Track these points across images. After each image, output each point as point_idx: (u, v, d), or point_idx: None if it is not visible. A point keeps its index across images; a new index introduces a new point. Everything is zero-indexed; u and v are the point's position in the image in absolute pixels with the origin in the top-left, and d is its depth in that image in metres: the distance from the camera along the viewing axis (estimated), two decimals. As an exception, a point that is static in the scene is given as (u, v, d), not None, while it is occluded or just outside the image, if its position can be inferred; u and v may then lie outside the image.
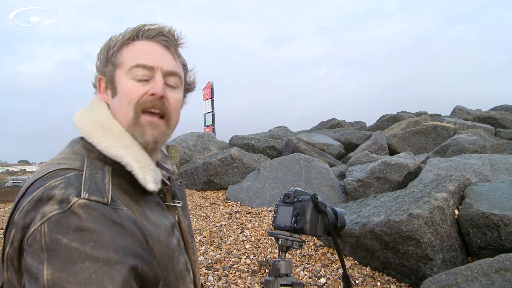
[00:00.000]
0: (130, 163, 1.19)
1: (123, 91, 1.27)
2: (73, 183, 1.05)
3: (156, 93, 1.25)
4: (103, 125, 1.25)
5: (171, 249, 1.26)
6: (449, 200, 3.87)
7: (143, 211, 1.19)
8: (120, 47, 1.31)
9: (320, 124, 19.40)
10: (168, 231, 1.28)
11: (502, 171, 5.79)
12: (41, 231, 0.96)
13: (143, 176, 1.20)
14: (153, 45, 1.32)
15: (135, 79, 1.27)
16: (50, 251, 0.95)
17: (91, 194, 1.04)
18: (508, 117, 14.43)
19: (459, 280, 2.81)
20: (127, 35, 1.32)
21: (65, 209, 0.99)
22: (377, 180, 6.72)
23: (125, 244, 1.03)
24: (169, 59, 1.33)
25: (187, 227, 1.46)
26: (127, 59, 1.29)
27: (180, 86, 1.39)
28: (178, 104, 1.36)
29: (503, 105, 18.23)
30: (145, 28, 1.33)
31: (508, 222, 3.35)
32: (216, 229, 5.81)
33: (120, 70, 1.29)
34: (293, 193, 1.37)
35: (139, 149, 1.25)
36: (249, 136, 11.94)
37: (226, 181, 8.95)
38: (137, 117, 1.26)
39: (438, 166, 6.29)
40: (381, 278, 3.90)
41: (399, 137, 11.86)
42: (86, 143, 1.25)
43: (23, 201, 1.05)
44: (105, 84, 1.35)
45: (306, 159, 8.24)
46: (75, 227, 0.98)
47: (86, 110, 1.34)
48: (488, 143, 9.52)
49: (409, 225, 3.52)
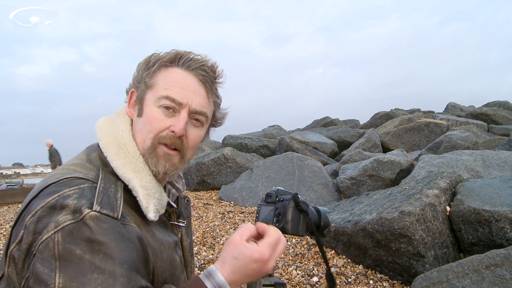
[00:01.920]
0: (136, 188, 1.21)
1: (148, 117, 1.28)
2: (86, 194, 1.08)
3: (176, 132, 1.26)
4: (120, 143, 1.28)
5: (174, 266, 1.29)
6: (441, 197, 3.87)
7: (150, 229, 1.22)
8: (157, 68, 1.31)
9: (314, 123, 19.41)
10: (172, 248, 1.31)
11: (494, 167, 5.80)
12: (55, 240, 1.00)
13: (146, 204, 1.22)
14: (189, 77, 1.31)
15: (162, 107, 1.27)
16: (63, 260, 0.99)
17: (102, 208, 1.07)
18: (500, 113, 14.49)
19: (450, 277, 2.81)
20: (168, 57, 1.31)
21: (78, 219, 1.02)
22: (369, 178, 6.71)
23: (130, 258, 1.06)
24: (201, 96, 1.32)
25: (188, 245, 1.50)
26: (160, 85, 1.29)
27: (206, 123, 1.38)
28: (197, 141, 1.37)
29: (495, 101, 18.32)
30: (188, 57, 1.32)
31: (499, 218, 3.34)
32: (209, 229, 5.79)
33: (150, 94, 1.30)
34: (275, 192, 1.35)
35: (149, 175, 1.26)
36: (242, 136, 11.92)
37: (219, 181, 8.93)
38: (155, 147, 1.28)
39: (430, 163, 6.29)
40: (373, 276, 3.89)
41: (392, 135, 11.87)
42: (102, 154, 1.27)
43: (36, 204, 1.08)
44: (135, 99, 1.35)
45: (299, 158, 8.23)
46: (87, 238, 1.01)
47: (110, 120, 1.36)
48: (481, 139, 9.55)
49: (400, 223, 3.51)
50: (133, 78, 1.37)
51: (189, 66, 1.31)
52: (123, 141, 1.28)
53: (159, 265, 1.20)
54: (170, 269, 1.26)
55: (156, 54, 1.34)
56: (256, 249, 1.11)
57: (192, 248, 1.52)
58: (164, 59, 1.31)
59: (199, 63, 1.32)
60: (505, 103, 17.40)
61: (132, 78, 1.38)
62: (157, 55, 1.33)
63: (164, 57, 1.32)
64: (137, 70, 1.35)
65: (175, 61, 1.31)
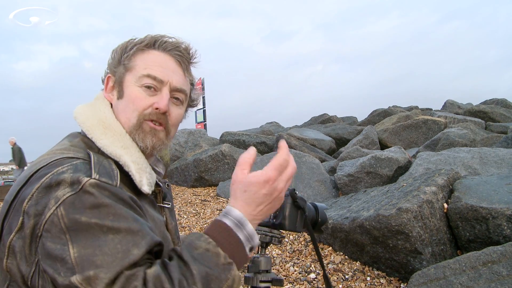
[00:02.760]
0: (128, 163, 1.22)
1: (131, 97, 1.31)
2: (81, 168, 1.08)
3: (160, 108, 1.30)
4: (105, 123, 1.29)
5: (167, 242, 1.31)
6: (438, 194, 3.87)
7: (142, 204, 1.22)
8: (135, 52, 1.35)
9: (312, 120, 19.40)
10: (162, 225, 1.34)
11: (491, 164, 5.80)
12: (58, 215, 0.99)
13: (139, 178, 1.23)
14: (167, 58, 1.36)
15: (143, 86, 1.31)
16: (72, 231, 0.98)
17: (101, 176, 1.08)
18: (498, 111, 14.50)
19: (447, 274, 2.81)
20: (145, 41, 1.36)
21: (77, 190, 1.02)
22: (367, 174, 6.71)
23: (140, 218, 1.08)
24: (179, 75, 1.37)
25: (173, 228, 1.50)
26: (139, 66, 1.33)
27: (184, 102, 1.43)
28: (179, 119, 1.41)
29: (493, 98, 18.33)
30: (163, 39, 1.37)
31: (496, 215, 3.35)
32: (207, 226, 5.79)
33: (130, 75, 1.33)
34: None
35: (138, 151, 1.29)
36: (240, 132, 11.91)
37: (217, 178, 8.92)
38: (140, 124, 1.30)
39: (428, 160, 6.30)
40: (371, 272, 3.90)
41: (390, 132, 11.88)
42: (85, 138, 1.28)
43: (29, 189, 1.07)
44: (113, 83, 1.38)
45: (296, 155, 8.23)
46: (90, 204, 1.01)
47: (88, 105, 1.37)
48: (478, 137, 9.56)
49: (398, 220, 3.52)
50: (108, 64, 1.41)
51: (165, 47, 1.36)
52: (107, 122, 1.29)
53: None
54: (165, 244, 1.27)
55: (132, 39, 1.38)
56: (261, 173, 1.10)
57: (178, 230, 1.53)
58: (142, 44, 1.35)
59: (174, 44, 1.37)
60: (503, 101, 17.41)
61: (108, 65, 1.41)
62: (133, 41, 1.37)
63: (141, 41, 1.36)
64: (112, 57, 1.39)
65: (151, 44, 1.36)
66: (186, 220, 6.17)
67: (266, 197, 1.11)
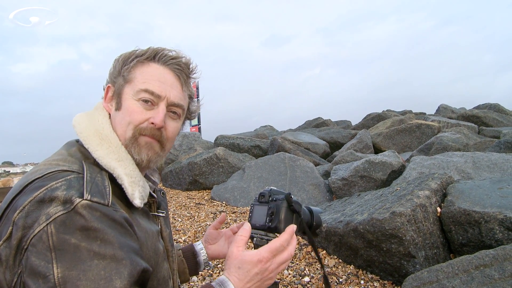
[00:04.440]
0: (121, 176, 1.23)
1: (128, 110, 1.33)
2: (74, 185, 1.09)
3: (156, 123, 1.32)
4: (101, 134, 1.30)
5: (158, 254, 1.32)
6: (432, 198, 3.90)
7: (134, 217, 1.24)
8: (135, 64, 1.37)
9: (306, 123, 19.44)
10: (155, 237, 1.35)
11: (484, 169, 5.85)
12: (48, 232, 1.00)
13: (131, 191, 1.24)
14: (166, 71, 1.37)
15: (141, 100, 1.32)
16: (59, 250, 0.99)
17: (93, 196, 1.08)
18: (491, 116, 14.60)
19: (440, 277, 2.83)
20: (146, 54, 1.37)
21: (69, 209, 1.03)
22: (361, 178, 6.74)
23: (127, 242, 1.09)
24: (177, 89, 1.39)
25: (168, 235, 1.52)
26: (138, 79, 1.34)
27: (182, 115, 1.46)
28: (175, 132, 1.43)
29: (486, 103, 18.45)
30: (163, 53, 1.38)
31: (489, 219, 3.38)
32: (201, 229, 5.78)
33: (129, 88, 1.35)
34: (268, 192, 1.37)
35: (132, 163, 1.30)
36: (234, 136, 11.92)
37: (211, 181, 8.92)
38: (136, 138, 1.32)
39: (422, 164, 6.34)
40: (364, 276, 3.92)
41: (384, 136, 11.92)
42: (82, 148, 1.30)
43: (22, 200, 1.08)
44: (112, 94, 1.40)
45: (291, 158, 8.24)
46: (81, 226, 1.02)
47: (87, 114, 1.39)
48: (471, 141, 9.62)
49: (392, 223, 3.54)
50: (109, 73, 1.42)
51: (165, 61, 1.38)
52: (104, 133, 1.31)
53: (145, 253, 1.22)
54: (155, 257, 1.29)
55: (134, 50, 1.39)
56: (255, 253, 1.18)
57: (172, 238, 1.55)
58: (141, 56, 1.37)
59: (174, 58, 1.39)
60: (496, 106, 17.54)
61: (109, 74, 1.42)
62: (134, 52, 1.38)
63: (141, 53, 1.37)
64: (114, 66, 1.40)
65: (151, 57, 1.37)
66: (181, 224, 6.16)
67: (257, 276, 1.19)
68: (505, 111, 17.00)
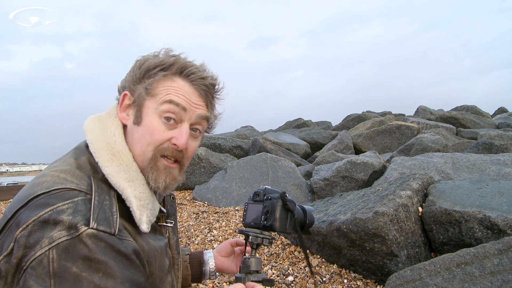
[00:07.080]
0: (130, 199, 1.18)
1: (149, 128, 1.25)
2: (81, 209, 1.05)
3: (179, 145, 1.26)
4: (113, 149, 1.23)
5: (163, 271, 1.29)
6: (413, 197, 3.96)
7: (143, 236, 1.21)
8: (160, 78, 1.28)
9: (286, 124, 19.50)
10: (163, 253, 1.31)
11: (463, 169, 5.97)
12: (49, 257, 0.97)
13: (139, 216, 1.20)
14: (192, 90, 1.29)
15: (163, 117, 1.25)
16: (58, 277, 0.96)
17: (99, 224, 1.04)
18: (468, 117, 14.89)
19: (423, 275, 2.88)
20: (172, 68, 1.28)
21: (73, 235, 0.99)
22: (343, 179, 6.80)
23: (130, 275, 1.05)
24: (201, 109, 1.32)
25: (175, 243, 1.49)
26: (162, 93, 1.26)
27: (202, 132, 1.39)
28: (194, 151, 1.37)
29: (463, 105, 18.80)
30: (191, 70, 1.29)
31: (469, 218, 3.45)
32: (184, 229, 5.76)
33: (151, 102, 1.26)
34: (263, 191, 1.38)
35: (143, 184, 1.24)
36: (215, 136, 11.88)
37: (193, 181, 8.88)
38: (156, 160, 1.25)
39: (403, 165, 6.43)
40: (347, 275, 3.96)
41: (364, 137, 12.05)
42: (92, 159, 1.23)
43: (25, 215, 1.04)
44: (130, 103, 1.31)
45: (272, 159, 8.27)
46: (84, 256, 0.98)
47: (100, 120, 1.31)
48: (450, 142, 9.80)
49: (374, 223, 3.58)
50: (127, 78, 1.32)
51: (192, 79, 1.30)
52: (116, 148, 1.24)
53: (151, 272, 1.19)
54: (160, 275, 1.26)
55: (158, 60, 1.30)
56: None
57: (178, 245, 1.52)
58: (168, 69, 1.29)
59: (202, 77, 1.31)
60: (473, 107, 17.89)
61: (126, 79, 1.33)
62: (159, 61, 1.30)
63: (166, 64, 1.29)
64: (133, 71, 1.31)
65: (178, 72, 1.29)
66: (163, 224, 6.14)
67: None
68: (482, 113, 17.37)
